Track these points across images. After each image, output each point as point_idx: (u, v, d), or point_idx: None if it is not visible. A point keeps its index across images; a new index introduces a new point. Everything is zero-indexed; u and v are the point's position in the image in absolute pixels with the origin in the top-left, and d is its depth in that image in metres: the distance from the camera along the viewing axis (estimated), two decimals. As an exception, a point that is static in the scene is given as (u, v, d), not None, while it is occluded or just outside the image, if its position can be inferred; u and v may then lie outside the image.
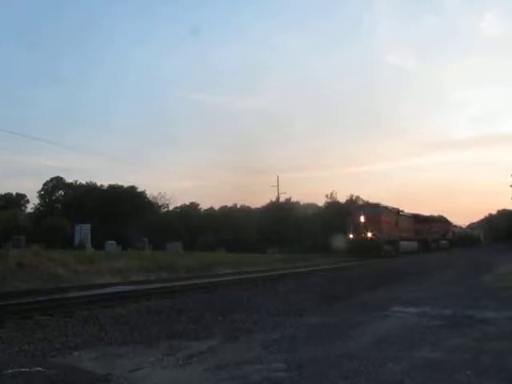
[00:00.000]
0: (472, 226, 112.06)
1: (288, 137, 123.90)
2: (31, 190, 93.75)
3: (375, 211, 42.14)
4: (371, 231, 40.34)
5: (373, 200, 54.67)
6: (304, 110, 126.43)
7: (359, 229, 40.90)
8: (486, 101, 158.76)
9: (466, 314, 9.71)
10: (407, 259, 37.13)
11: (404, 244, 46.51)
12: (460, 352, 6.66)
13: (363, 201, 59.45)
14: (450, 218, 78.64)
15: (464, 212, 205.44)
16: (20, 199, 75.85)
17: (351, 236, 40.82)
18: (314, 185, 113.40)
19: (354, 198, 65.48)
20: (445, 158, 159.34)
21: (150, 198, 71.52)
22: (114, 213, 58.81)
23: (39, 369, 5.91)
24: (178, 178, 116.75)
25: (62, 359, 6.51)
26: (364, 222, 40.94)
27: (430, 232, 58.91)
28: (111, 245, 42.44)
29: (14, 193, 75.34)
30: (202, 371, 5.92)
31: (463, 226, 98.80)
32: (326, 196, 66.80)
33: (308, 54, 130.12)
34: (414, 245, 50.06)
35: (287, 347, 7.02)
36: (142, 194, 70.29)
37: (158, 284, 17.30)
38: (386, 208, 44.48)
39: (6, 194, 73.26)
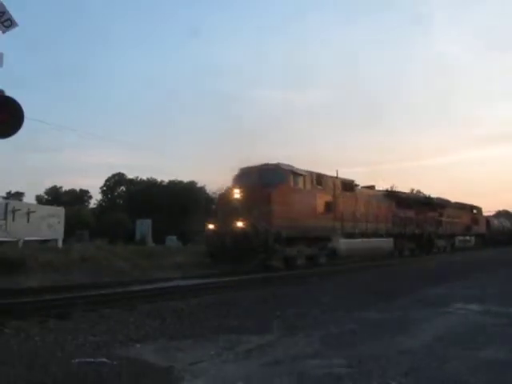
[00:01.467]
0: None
1: (344, 131, 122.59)
2: (94, 186, 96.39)
3: (267, 179, 21.44)
4: (250, 217, 20.08)
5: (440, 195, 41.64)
6: (360, 103, 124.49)
7: (228, 212, 20.97)
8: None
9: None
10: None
11: (355, 244, 25.47)
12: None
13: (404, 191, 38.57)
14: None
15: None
16: (83, 195, 78.14)
17: (210, 226, 21.40)
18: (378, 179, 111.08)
19: (414, 191, 63.36)
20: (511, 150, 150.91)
21: (210, 193, 72.35)
22: (174, 208, 59.72)
23: (104, 359, 6.09)
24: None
25: (125, 351, 6.68)
26: (238, 200, 20.86)
27: (437, 223, 38.26)
28: (171, 240, 43.08)
29: (78, 189, 77.73)
30: (261, 365, 5.96)
31: None
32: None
33: (360, 45, 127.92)
34: (385, 243, 28.91)
35: (347, 343, 6.98)
36: (202, 189, 71.16)
37: (218, 278, 17.39)
38: (292, 173, 22.25)
39: (70, 190, 75.67)
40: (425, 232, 35.67)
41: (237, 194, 21.12)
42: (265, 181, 21.35)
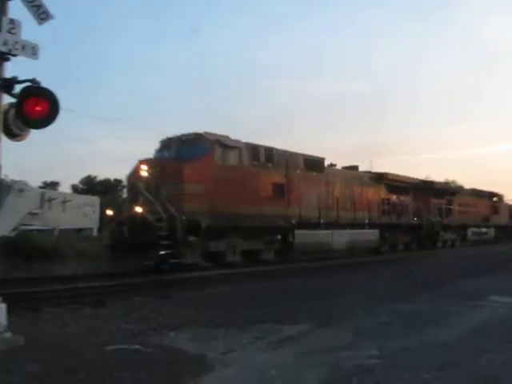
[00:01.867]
0: None
1: (380, 121, 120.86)
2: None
3: (185, 152, 17.28)
4: (157, 200, 16.01)
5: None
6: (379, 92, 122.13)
7: (132, 194, 17.42)
8: None
9: None
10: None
11: (318, 236, 21.05)
12: None
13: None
14: None
15: None
16: (117, 184, 78.84)
17: (109, 213, 16.81)
18: (407, 170, 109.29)
19: (450, 181, 60.61)
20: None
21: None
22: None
23: (137, 347, 6.16)
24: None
25: (159, 339, 6.73)
26: (146, 179, 16.54)
27: (443, 211, 32.43)
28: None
29: (112, 178, 78.49)
30: (292, 355, 5.94)
31: None
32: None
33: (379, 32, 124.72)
34: (366, 236, 24.22)
35: (379, 335, 6.90)
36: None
37: (253, 268, 17.24)
38: (219, 144, 17.81)
39: (104, 180, 76.46)
40: (425, 222, 30.00)
41: (144, 171, 16.49)
42: (182, 154, 17.15)
